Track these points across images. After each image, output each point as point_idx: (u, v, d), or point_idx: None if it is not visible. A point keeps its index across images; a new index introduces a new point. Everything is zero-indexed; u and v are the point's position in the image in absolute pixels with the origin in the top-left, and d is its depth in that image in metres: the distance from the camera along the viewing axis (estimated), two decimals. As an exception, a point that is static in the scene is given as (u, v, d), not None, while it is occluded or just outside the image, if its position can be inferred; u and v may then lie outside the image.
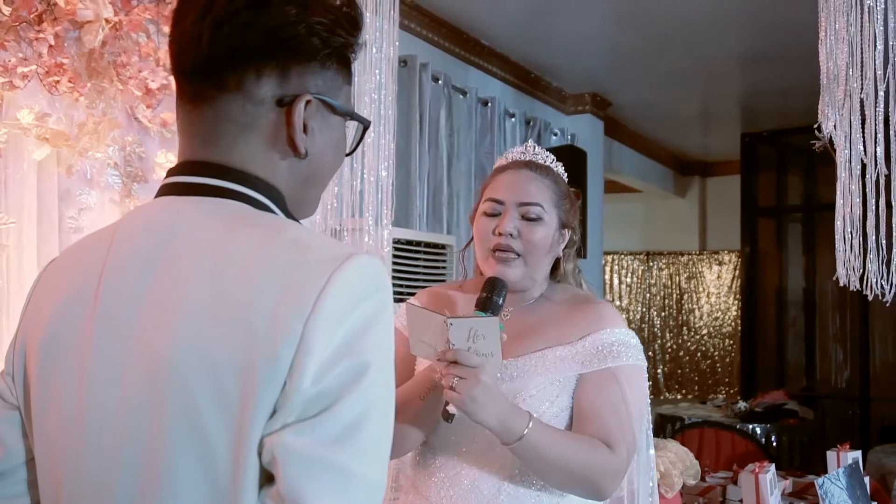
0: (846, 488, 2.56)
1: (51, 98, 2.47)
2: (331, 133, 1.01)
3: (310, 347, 0.82)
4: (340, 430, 0.82)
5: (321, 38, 0.95)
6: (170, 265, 0.90)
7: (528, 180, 1.66)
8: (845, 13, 1.90)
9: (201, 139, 0.97)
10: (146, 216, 0.98)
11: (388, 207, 3.09)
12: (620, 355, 1.59)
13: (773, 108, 6.42)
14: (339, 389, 0.82)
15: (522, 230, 1.63)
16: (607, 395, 1.56)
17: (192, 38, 0.93)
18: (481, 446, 1.56)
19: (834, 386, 7.22)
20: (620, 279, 9.18)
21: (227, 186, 0.95)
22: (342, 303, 0.84)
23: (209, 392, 0.84)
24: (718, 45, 5.04)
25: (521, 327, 1.65)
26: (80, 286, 0.96)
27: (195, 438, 0.85)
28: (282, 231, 0.91)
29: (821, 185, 6.96)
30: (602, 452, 1.50)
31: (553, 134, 5.75)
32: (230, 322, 0.84)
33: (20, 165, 2.41)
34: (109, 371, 0.91)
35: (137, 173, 2.74)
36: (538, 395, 1.56)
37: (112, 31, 2.55)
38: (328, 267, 0.85)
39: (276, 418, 0.82)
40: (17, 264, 2.41)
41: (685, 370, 8.81)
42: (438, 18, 4.58)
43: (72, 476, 0.93)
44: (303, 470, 0.81)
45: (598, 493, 1.52)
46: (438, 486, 1.59)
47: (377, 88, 3.05)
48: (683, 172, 8.75)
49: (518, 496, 1.55)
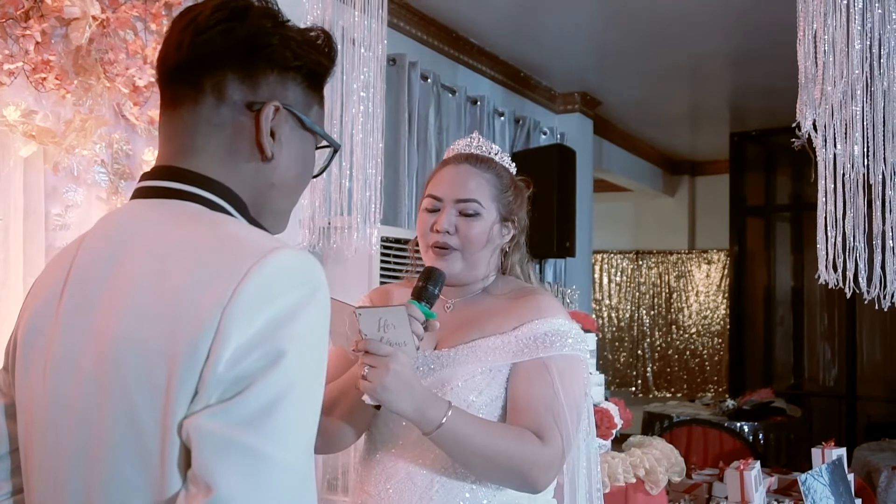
0: (829, 484, 2.58)
1: (38, 95, 2.47)
2: (298, 145, 1.06)
3: (226, 335, 0.86)
4: (252, 413, 0.85)
5: (292, 51, 1.02)
6: (124, 263, 0.96)
7: (466, 176, 1.67)
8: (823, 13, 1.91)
9: (174, 143, 1.03)
10: (111, 219, 1.06)
11: (377, 206, 3.09)
12: (553, 345, 1.57)
13: (762, 107, 6.45)
14: (253, 375, 0.86)
15: (459, 226, 1.64)
16: (539, 386, 1.54)
17: (175, 44, 1.01)
18: (415, 439, 1.54)
19: (821, 384, 7.26)
20: (610, 278, 9.21)
21: (185, 189, 1.00)
22: (260, 293, 0.88)
23: (142, 379, 0.89)
24: (707, 44, 5.06)
25: (460, 319, 1.66)
26: (53, 284, 1.03)
27: (130, 422, 0.90)
28: (220, 226, 0.97)
29: (809, 185, 6.93)
30: (531, 443, 1.48)
31: (542, 133, 5.76)
32: (163, 313, 0.90)
33: (6, 162, 2.41)
34: (68, 361, 0.97)
35: (124, 171, 2.73)
36: (465, 386, 1.56)
37: (99, 28, 2.55)
38: (250, 259, 0.89)
39: (197, 401, 0.87)
40: (4, 261, 2.41)
41: (674, 368, 8.85)
42: (427, 17, 4.58)
43: (39, 461, 1.00)
44: (213, 450, 0.84)
45: (528, 484, 1.50)
46: (377, 479, 1.59)
47: (366, 87, 3.05)
48: (673, 171, 8.78)
49: (451, 489, 1.54)
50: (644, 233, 9.16)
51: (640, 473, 2.79)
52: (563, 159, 5.07)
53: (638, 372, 8.91)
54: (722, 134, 7.38)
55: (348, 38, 2.99)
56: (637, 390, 8.84)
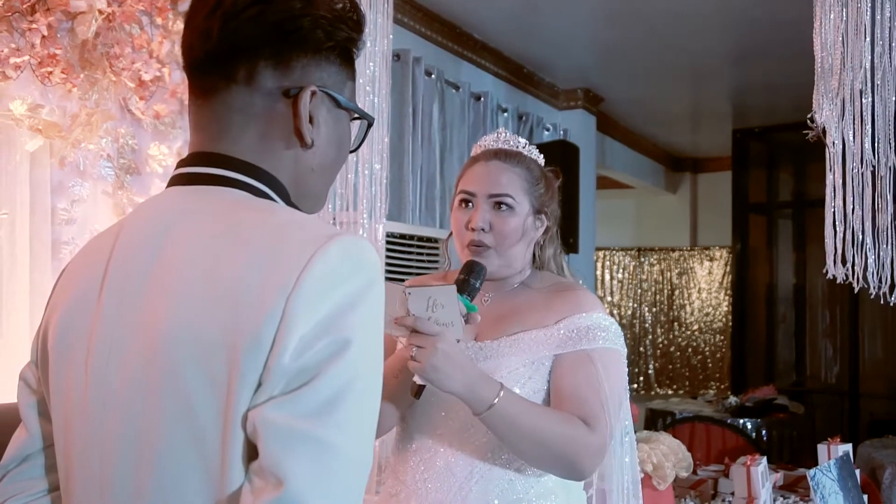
0: (837, 479, 2.58)
1: (43, 89, 2.47)
2: (335, 126, 1.03)
3: (291, 324, 0.83)
4: (319, 403, 0.83)
5: (325, 31, 0.99)
6: (168, 251, 0.93)
7: (497, 172, 1.68)
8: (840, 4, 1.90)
9: (209, 131, 1.00)
10: (150, 207, 1.02)
11: (382, 201, 3.09)
12: (596, 338, 1.59)
13: (764, 104, 6.44)
14: (319, 365, 0.83)
15: (493, 221, 1.65)
16: (584, 376, 1.55)
17: (203, 32, 0.97)
18: (455, 428, 1.56)
19: (824, 381, 7.26)
20: (612, 275, 9.20)
21: (228, 175, 0.97)
22: (324, 280, 0.85)
23: (199, 372, 0.86)
24: (710, 41, 5.06)
25: (499, 312, 1.67)
26: (90, 276, 0.99)
27: (185, 416, 0.87)
28: (274, 214, 0.94)
29: (811, 182, 6.98)
30: (580, 429, 1.49)
31: (545, 129, 5.76)
32: (219, 301, 0.87)
33: (13, 156, 2.40)
34: (112, 355, 0.94)
35: (130, 165, 2.73)
36: (508, 377, 1.56)
37: (105, 22, 2.54)
38: (312, 246, 0.87)
39: (261, 392, 0.84)
40: (10, 255, 2.40)
41: (676, 366, 8.84)
42: (431, 13, 4.58)
43: (80, 459, 0.96)
44: (281, 442, 0.82)
45: (576, 470, 1.51)
46: (414, 469, 1.59)
47: (371, 82, 3.05)
48: (675, 168, 8.77)
49: (491, 478, 1.54)
50: (646, 230, 9.15)
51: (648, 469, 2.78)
52: (566, 156, 5.06)
53: (640, 369, 8.90)
54: (724, 131, 7.37)
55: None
56: (639, 387, 8.83)
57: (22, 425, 1.08)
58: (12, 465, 1.07)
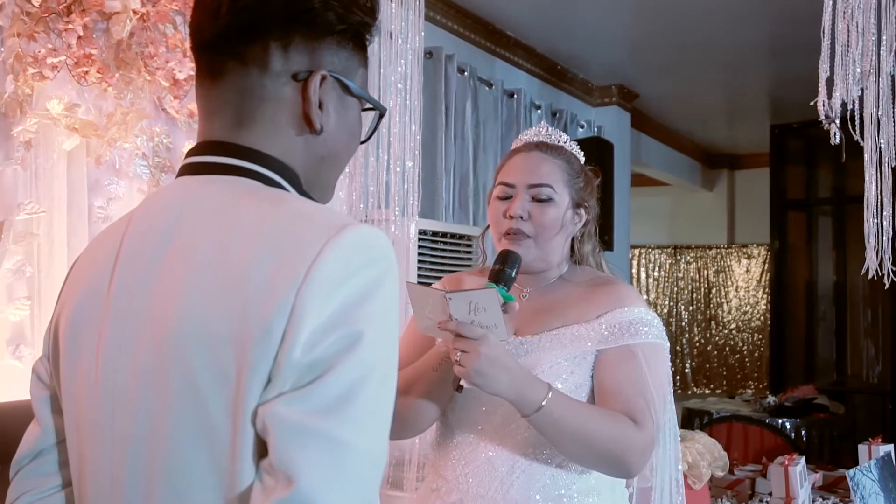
0: (878, 480, 2.53)
1: (80, 89, 2.50)
2: (346, 113, 1.01)
3: (301, 317, 0.81)
4: (331, 399, 0.80)
5: (336, 14, 0.96)
6: (177, 243, 0.91)
7: (538, 162, 1.66)
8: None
9: (218, 117, 0.98)
10: (159, 198, 1.00)
11: (415, 199, 3.09)
12: (639, 333, 1.57)
13: (803, 99, 6.31)
14: (330, 359, 0.81)
15: (533, 212, 1.62)
16: (628, 372, 1.53)
17: (211, 11, 0.95)
18: (497, 423, 1.55)
19: (865, 381, 7.12)
20: (648, 273, 9.12)
21: (238, 164, 0.95)
22: (335, 272, 0.83)
23: (208, 363, 0.84)
24: (746, 34, 4.98)
25: (538, 307, 1.65)
26: (99, 270, 0.98)
27: (195, 410, 0.85)
28: (284, 203, 0.91)
29: (851, 178, 6.85)
30: (628, 427, 1.47)
31: (579, 126, 5.72)
32: (228, 294, 0.84)
33: (50, 155, 2.44)
34: (122, 347, 0.92)
35: (165, 163, 2.76)
36: (550, 372, 1.54)
37: (139, 22, 2.57)
38: (323, 237, 0.84)
39: (271, 388, 0.81)
40: (48, 253, 2.44)
41: (713, 365, 8.74)
42: (464, 10, 4.57)
43: (91, 453, 0.95)
44: (292, 439, 0.79)
45: (624, 469, 1.49)
46: (455, 464, 1.58)
47: (403, 79, 3.05)
48: (711, 165, 8.67)
49: (533, 474, 1.53)
50: (682, 227, 9.06)
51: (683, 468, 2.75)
52: (601, 153, 5.03)
53: (676, 368, 8.81)
54: (762, 126, 7.26)
55: (385, 31, 2.99)
56: (676, 387, 8.70)
57: (35, 420, 1.07)
58: (25, 461, 1.06)
